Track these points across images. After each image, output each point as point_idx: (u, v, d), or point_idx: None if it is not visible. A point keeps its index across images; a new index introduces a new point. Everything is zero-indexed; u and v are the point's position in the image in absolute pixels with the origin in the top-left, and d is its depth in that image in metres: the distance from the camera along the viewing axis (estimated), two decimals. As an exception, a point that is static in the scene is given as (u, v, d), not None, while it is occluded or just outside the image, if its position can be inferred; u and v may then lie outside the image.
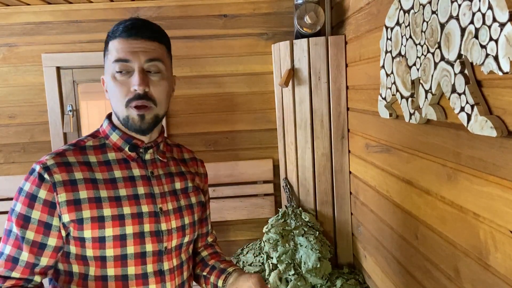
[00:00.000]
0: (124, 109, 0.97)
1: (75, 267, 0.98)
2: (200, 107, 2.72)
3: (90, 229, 0.95)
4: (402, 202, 1.59)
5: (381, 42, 1.61)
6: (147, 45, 0.98)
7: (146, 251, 0.99)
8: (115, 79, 0.97)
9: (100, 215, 0.95)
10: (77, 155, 1.00)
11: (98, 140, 1.05)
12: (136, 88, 0.96)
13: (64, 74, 2.67)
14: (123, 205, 0.98)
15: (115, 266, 0.97)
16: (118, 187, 0.99)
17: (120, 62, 0.96)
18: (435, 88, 1.20)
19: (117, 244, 0.96)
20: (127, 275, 0.98)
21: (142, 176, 1.03)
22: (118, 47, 0.97)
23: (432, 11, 1.20)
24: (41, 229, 0.94)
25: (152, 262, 1.00)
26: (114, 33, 0.99)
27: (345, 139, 2.34)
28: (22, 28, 2.60)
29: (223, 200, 2.74)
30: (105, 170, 1.00)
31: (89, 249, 0.96)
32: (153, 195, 1.03)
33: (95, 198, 0.96)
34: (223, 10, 2.68)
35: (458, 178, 1.17)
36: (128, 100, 0.96)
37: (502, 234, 0.99)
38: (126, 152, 1.03)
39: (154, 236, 1.00)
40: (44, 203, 0.94)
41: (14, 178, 2.65)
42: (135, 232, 0.98)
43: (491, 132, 0.96)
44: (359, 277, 2.23)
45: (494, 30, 0.91)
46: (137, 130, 1.00)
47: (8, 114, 2.65)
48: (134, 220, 0.98)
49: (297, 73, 2.35)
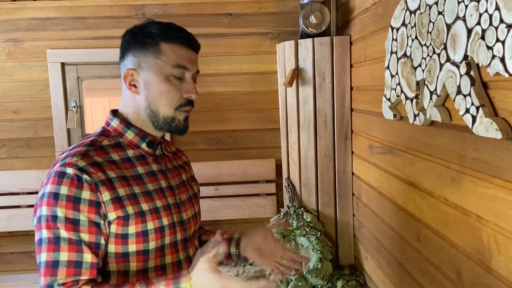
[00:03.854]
0: (172, 111, 1.03)
1: (113, 266, 0.99)
2: (203, 106, 2.71)
3: (134, 224, 0.97)
4: (405, 204, 1.58)
5: (387, 42, 1.60)
6: (196, 58, 1.07)
7: (177, 240, 1.06)
8: (169, 82, 1.02)
9: (140, 210, 0.98)
10: (100, 155, 1.00)
11: (112, 139, 1.05)
12: (192, 96, 1.05)
13: (69, 70, 2.68)
14: (155, 199, 1.02)
15: (155, 257, 1.01)
16: (145, 182, 1.03)
17: (181, 68, 1.02)
18: (440, 89, 1.19)
19: (158, 236, 1.01)
20: (165, 265, 1.03)
21: (159, 171, 1.07)
22: (179, 53, 1.02)
23: (439, 12, 1.19)
24: (94, 229, 0.94)
25: (182, 249, 1.07)
26: (172, 38, 1.02)
27: (348, 140, 2.33)
28: (28, 23, 2.61)
29: (225, 199, 2.74)
30: (129, 167, 1.02)
31: (132, 245, 0.98)
32: (172, 188, 1.08)
33: (132, 194, 0.99)
34: (229, 8, 2.68)
35: (462, 180, 1.17)
36: (180, 104, 1.03)
37: (506, 237, 0.99)
38: (143, 149, 1.06)
39: (180, 226, 1.07)
40: (89, 203, 0.94)
41: (17, 173, 2.65)
42: (169, 223, 1.03)
43: (496, 134, 0.95)
44: (360, 279, 2.23)
45: (501, 31, 0.90)
46: (179, 130, 1.06)
47: (12, 109, 2.66)
48: (166, 212, 1.03)
49: (302, 73, 2.34)
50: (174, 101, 1.02)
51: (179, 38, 1.02)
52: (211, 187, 2.73)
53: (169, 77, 1.02)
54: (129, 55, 1.04)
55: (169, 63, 1.01)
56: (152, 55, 1.01)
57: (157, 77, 1.01)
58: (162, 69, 1.01)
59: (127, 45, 1.04)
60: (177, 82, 1.03)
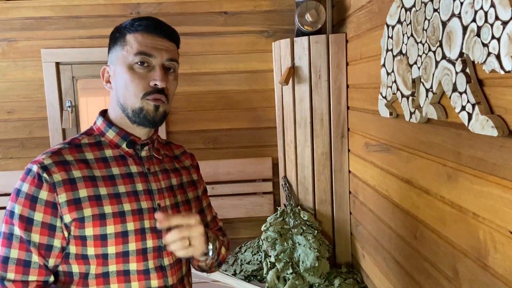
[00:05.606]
0: (139, 100, 0.99)
1: (75, 267, 0.97)
2: (199, 105, 2.70)
3: (91, 227, 0.94)
4: (402, 201, 1.58)
5: (382, 40, 1.60)
6: (169, 45, 1.02)
7: (147, 247, 1.00)
8: (132, 70, 0.98)
9: (101, 213, 0.95)
10: (73, 153, 0.99)
11: (93, 137, 1.04)
12: (158, 83, 0.98)
13: (64, 70, 2.66)
14: (123, 202, 0.98)
15: (117, 262, 0.97)
16: (117, 183, 0.99)
17: (142, 55, 0.98)
18: (436, 87, 1.19)
19: (119, 241, 0.96)
20: (129, 271, 0.98)
21: (139, 173, 1.03)
22: (142, 40, 0.99)
23: (434, 9, 1.19)
24: (46, 231, 0.93)
25: (153, 258, 1.01)
26: (136, 27, 1.00)
27: (345, 138, 2.33)
28: (22, 23, 2.59)
29: (222, 198, 2.73)
30: (102, 167, 1.00)
31: (90, 248, 0.95)
32: (151, 192, 1.03)
33: (95, 196, 0.96)
34: (224, 7, 2.67)
35: (458, 178, 1.17)
36: (146, 93, 0.98)
37: (502, 234, 0.99)
38: (123, 149, 1.04)
39: (154, 232, 1.01)
40: (46, 204, 0.93)
41: (12, 174, 2.64)
42: (136, 229, 0.98)
43: (492, 131, 0.95)
44: (357, 277, 2.23)
45: (496, 28, 0.90)
46: (149, 121, 1.00)
47: (6, 109, 2.64)
48: (134, 217, 0.98)
49: (298, 71, 2.34)
50: (138, 89, 0.98)
51: (142, 25, 0.99)
52: (208, 186, 2.71)
53: (132, 66, 0.98)
54: (108, 54, 1.05)
55: (132, 52, 0.98)
56: (120, 48, 1.01)
57: (122, 68, 0.99)
58: (126, 59, 0.99)
59: (108, 45, 1.05)
60: (143, 71, 0.98)
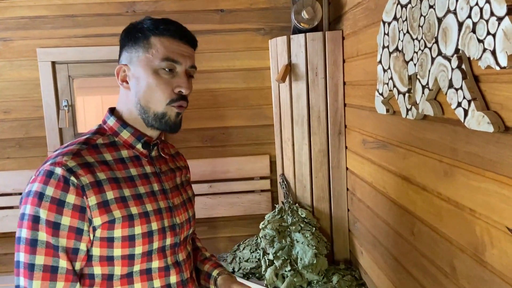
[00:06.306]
0: (164, 106, 1.00)
1: (97, 269, 0.97)
2: (196, 103, 2.70)
3: (120, 228, 0.95)
4: (399, 198, 1.58)
5: (378, 37, 1.60)
6: (191, 52, 1.04)
7: (166, 244, 1.03)
8: (158, 75, 0.99)
9: (129, 214, 0.96)
10: (93, 154, 0.98)
11: (108, 138, 1.03)
12: (183, 91, 1.01)
13: (60, 69, 2.65)
14: (145, 202, 0.99)
15: (141, 262, 0.99)
16: (136, 184, 1.00)
17: (170, 61, 0.99)
18: (432, 83, 1.19)
19: (146, 241, 0.98)
20: (151, 269, 1.01)
21: (153, 173, 1.04)
22: (169, 46, 0.99)
23: (430, 6, 1.19)
24: (73, 235, 0.92)
25: (170, 254, 1.04)
26: (162, 31, 0.99)
27: (342, 135, 2.33)
28: (17, 22, 2.58)
29: (219, 196, 2.73)
30: (121, 168, 1.00)
31: (117, 249, 0.96)
32: (165, 191, 1.06)
33: (121, 197, 0.96)
34: (220, 5, 2.66)
35: (455, 174, 1.17)
36: (172, 99, 1.00)
37: (499, 230, 0.99)
38: (138, 149, 1.04)
39: (172, 230, 1.04)
40: (74, 208, 0.91)
41: (9, 174, 2.63)
42: (159, 228, 1.01)
43: (488, 127, 0.95)
44: (355, 273, 2.23)
45: (491, 24, 0.90)
46: (170, 126, 1.02)
47: (3, 109, 2.63)
48: (157, 216, 1.00)
49: (294, 68, 2.33)
50: (164, 95, 0.99)
51: (169, 30, 0.99)
52: (206, 185, 2.72)
53: (158, 70, 0.98)
54: (123, 52, 1.03)
55: (158, 57, 0.98)
56: (142, 49, 1.00)
57: (146, 71, 0.99)
58: (151, 63, 0.99)
59: (122, 42, 1.04)
60: (168, 76, 0.99)
